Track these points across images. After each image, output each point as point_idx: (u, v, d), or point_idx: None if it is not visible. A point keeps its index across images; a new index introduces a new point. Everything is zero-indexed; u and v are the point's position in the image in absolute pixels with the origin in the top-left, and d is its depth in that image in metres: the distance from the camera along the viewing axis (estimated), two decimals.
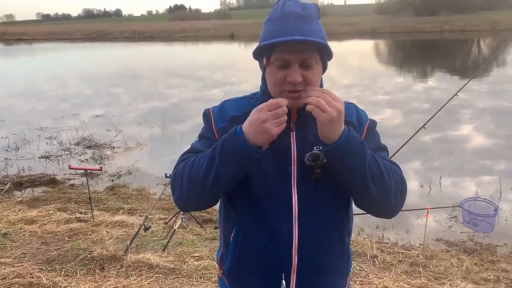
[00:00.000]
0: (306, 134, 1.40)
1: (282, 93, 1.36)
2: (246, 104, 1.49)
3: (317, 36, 1.30)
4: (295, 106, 1.36)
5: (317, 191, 1.41)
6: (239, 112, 1.46)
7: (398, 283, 3.63)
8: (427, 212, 4.56)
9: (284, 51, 1.30)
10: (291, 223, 1.41)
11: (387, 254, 4.45)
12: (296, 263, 1.43)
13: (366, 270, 3.89)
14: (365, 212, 1.52)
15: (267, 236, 1.43)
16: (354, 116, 1.47)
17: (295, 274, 1.45)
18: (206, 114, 1.52)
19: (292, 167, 1.40)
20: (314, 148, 1.38)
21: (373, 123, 1.50)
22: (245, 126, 1.30)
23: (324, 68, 1.40)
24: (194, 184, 1.35)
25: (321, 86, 1.42)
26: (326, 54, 1.37)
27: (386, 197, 1.37)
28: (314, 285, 1.49)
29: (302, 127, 1.40)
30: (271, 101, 1.29)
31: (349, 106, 1.49)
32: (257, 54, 1.39)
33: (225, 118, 1.47)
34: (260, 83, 1.47)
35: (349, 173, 1.32)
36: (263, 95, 1.45)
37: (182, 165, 1.42)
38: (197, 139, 1.54)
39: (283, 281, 1.43)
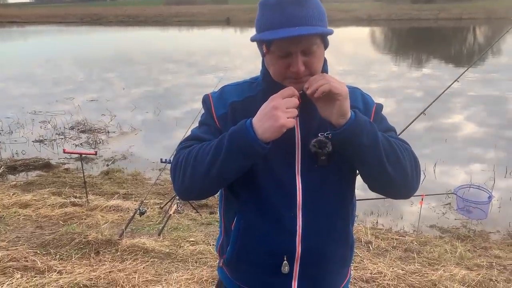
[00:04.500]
0: (311, 120, 1.36)
1: (285, 80, 1.33)
2: (246, 89, 1.45)
3: (317, 20, 1.27)
4: (299, 89, 1.32)
5: (322, 179, 1.38)
6: (240, 98, 1.42)
7: (393, 268, 3.66)
8: (422, 199, 4.59)
9: (285, 43, 1.26)
10: (295, 211, 1.38)
11: (381, 240, 4.48)
12: (300, 252, 1.40)
13: (360, 255, 3.91)
14: (365, 199, 1.51)
15: (270, 225, 1.39)
16: (360, 101, 1.44)
17: (298, 263, 1.42)
18: (205, 100, 1.46)
19: (296, 154, 1.37)
20: (319, 134, 1.34)
21: (380, 107, 1.48)
22: (256, 118, 1.26)
23: (326, 45, 1.36)
24: (197, 174, 1.30)
25: (325, 60, 1.39)
26: (326, 34, 1.33)
27: (403, 174, 1.33)
28: (318, 275, 1.46)
29: (306, 113, 1.34)
30: (285, 89, 1.26)
31: (354, 91, 1.46)
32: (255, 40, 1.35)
33: (225, 104, 1.42)
34: (261, 67, 1.43)
35: (364, 153, 1.28)
36: (264, 79, 1.41)
37: (184, 153, 1.36)
38: (198, 126, 1.48)
39: (286, 262, 1.41)
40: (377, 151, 1.28)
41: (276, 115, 1.22)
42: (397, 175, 1.32)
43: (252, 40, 1.34)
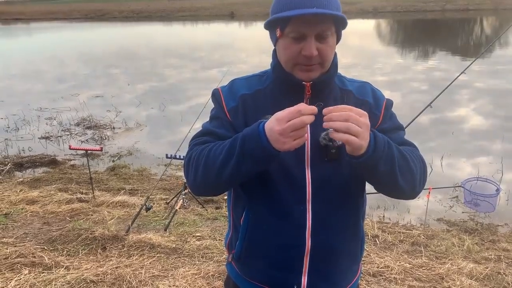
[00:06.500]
0: (320, 113, 1.32)
1: (295, 67, 1.32)
2: (256, 82, 1.44)
3: (334, 6, 1.27)
4: (308, 79, 1.32)
5: (332, 172, 1.35)
6: (250, 91, 1.41)
7: (400, 262, 3.64)
8: (429, 192, 4.56)
9: (300, 23, 1.25)
10: (304, 205, 1.36)
11: (388, 234, 4.47)
12: (309, 246, 1.38)
13: (367, 249, 3.90)
14: (371, 192, 1.49)
15: (279, 218, 1.38)
16: (370, 96, 1.43)
17: (308, 257, 1.40)
18: (215, 94, 1.45)
19: (306, 147, 1.35)
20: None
21: (390, 103, 1.46)
22: (267, 126, 1.21)
23: (338, 39, 1.35)
24: (209, 174, 1.30)
25: (335, 54, 1.37)
26: (341, 25, 1.32)
27: (413, 185, 1.36)
28: (328, 270, 1.44)
29: (316, 105, 1.31)
30: (292, 108, 1.18)
31: (364, 85, 1.45)
32: (269, 25, 1.34)
33: (235, 97, 1.41)
34: (271, 60, 1.42)
35: (380, 177, 1.28)
36: (275, 70, 1.39)
37: (197, 150, 1.35)
38: (208, 120, 1.47)
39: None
40: (393, 172, 1.28)
41: (281, 140, 1.18)
42: (407, 185, 1.33)
43: (267, 22, 1.32)
